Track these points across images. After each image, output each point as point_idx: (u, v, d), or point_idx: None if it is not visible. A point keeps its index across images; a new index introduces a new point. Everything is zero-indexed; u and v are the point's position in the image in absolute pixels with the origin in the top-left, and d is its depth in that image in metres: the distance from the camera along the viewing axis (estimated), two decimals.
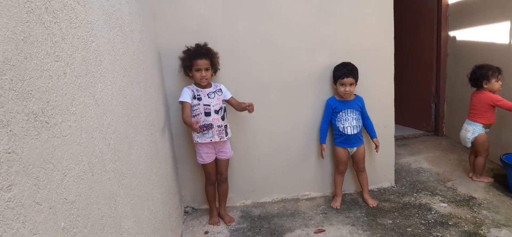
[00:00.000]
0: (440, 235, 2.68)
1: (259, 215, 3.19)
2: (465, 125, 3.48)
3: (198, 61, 2.75)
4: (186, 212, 3.34)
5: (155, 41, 2.83)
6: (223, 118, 2.88)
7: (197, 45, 2.84)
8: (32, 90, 0.90)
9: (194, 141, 2.91)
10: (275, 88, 3.19)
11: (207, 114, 2.82)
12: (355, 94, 3.16)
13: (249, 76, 3.13)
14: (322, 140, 3.24)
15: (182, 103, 2.79)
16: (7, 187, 0.77)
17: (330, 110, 3.17)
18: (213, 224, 3.11)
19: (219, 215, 3.20)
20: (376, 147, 3.20)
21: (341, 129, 3.12)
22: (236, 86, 3.08)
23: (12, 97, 0.81)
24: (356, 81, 3.07)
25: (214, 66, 2.86)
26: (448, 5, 4.52)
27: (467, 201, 3.14)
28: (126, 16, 1.91)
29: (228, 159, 3.06)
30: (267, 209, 3.29)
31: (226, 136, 2.91)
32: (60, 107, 1.04)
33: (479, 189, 3.35)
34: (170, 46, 2.94)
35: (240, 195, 3.39)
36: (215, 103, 2.84)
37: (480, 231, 2.69)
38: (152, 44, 2.64)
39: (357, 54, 3.16)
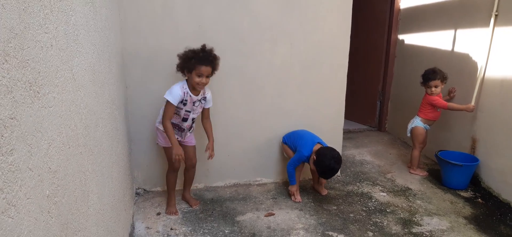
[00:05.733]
0: (379, 221, 2.94)
1: (212, 199, 3.27)
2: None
3: (202, 67, 2.60)
4: (137, 194, 3.33)
5: (119, 18, 2.79)
6: (194, 122, 2.90)
7: (204, 50, 2.67)
8: (28, 60, 0.92)
9: (159, 128, 2.84)
10: (236, 76, 3.26)
11: (185, 120, 2.81)
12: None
13: None
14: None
15: (167, 101, 2.64)
16: (10, 151, 0.80)
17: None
18: (171, 214, 2.99)
19: (184, 199, 3.20)
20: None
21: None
22: None
23: (15, 65, 0.84)
24: None
25: (213, 74, 2.75)
26: (400, 9, 4.79)
27: (404, 192, 3.44)
28: None
29: (194, 146, 3.04)
30: (220, 193, 3.38)
31: (189, 131, 2.94)
32: (48, 78, 1.06)
33: (415, 181, 3.67)
34: (132, 25, 2.91)
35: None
36: (196, 112, 2.82)
37: (414, 218, 2.98)
38: (116, 21, 2.61)
39: (316, 49, 3.34)
